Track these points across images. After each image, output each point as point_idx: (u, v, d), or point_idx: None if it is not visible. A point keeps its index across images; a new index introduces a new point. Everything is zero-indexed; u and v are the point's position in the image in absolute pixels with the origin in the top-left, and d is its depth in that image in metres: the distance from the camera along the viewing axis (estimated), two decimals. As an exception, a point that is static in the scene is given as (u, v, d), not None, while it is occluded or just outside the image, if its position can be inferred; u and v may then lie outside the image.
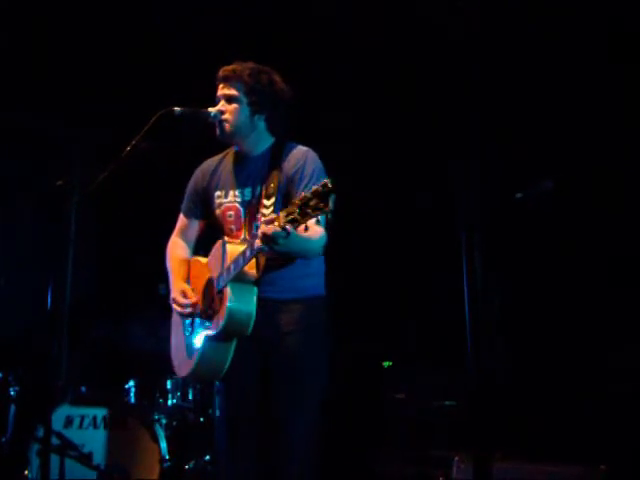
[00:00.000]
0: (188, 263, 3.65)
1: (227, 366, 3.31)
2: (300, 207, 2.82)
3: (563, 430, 4.89)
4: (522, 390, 5.00)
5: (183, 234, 3.72)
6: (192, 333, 3.47)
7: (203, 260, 3.60)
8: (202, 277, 3.49)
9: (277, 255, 3.14)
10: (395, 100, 5.68)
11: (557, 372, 5.13)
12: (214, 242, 3.55)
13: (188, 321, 3.51)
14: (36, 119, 6.32)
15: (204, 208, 3.65)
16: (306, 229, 2.91)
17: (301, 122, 3.59)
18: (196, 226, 3.70)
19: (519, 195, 4.20)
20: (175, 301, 3.49)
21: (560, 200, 4.61)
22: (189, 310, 3.44)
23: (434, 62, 5.28)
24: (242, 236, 3.44)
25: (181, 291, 3.49)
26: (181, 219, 3.74)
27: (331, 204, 2.79)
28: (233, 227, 3.48)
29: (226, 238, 3.44)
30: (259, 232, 2.97)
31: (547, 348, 5.16)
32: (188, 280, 3.60)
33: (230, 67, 3.49)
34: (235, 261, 3.20)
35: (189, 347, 3.46)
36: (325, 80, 5.60)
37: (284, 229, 2.89)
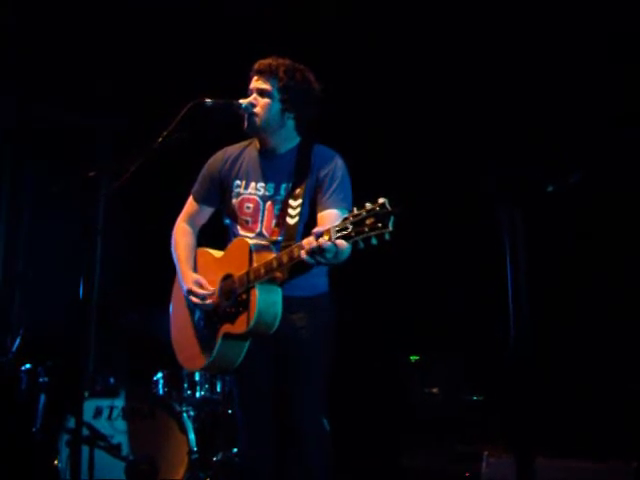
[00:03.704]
0: (195, 252, 3.63)
1: (240, 360, 3.36)
2: (355, 224, 2.83)
3: (594, 426, 4.84)
4: (551, 385, 4.96)
5: (191, 219, 3.67)
6: (206, 327, 3.44)
7: (214, 252, 3.57)
8: (213, 271, 3.46)
9: (317, 265, 3.12)
10: (433, 88, 5.66)
11: (587, 368, 5.08)
12: (213, 229, 3.56)
13: (199, 313, 3.48)
14: (64, 112, 6.38)
15: (219, 195, 3.61)
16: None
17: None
18: (206, 212, 3.67)
19: (550, 188, 4.16)
20: (192, 292, 3.44)
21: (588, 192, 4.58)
22: (208, 302, 3.41)
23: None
24: (257, 230, 3.45)
25: (196, 282, 3.46)
26: (191, 203, 3.68)
27: (391, 226, 2.78)
28: (249, 219, 3.47)
29: (250, 238, 3.41)
30: (308, 244, 2.99)
31: (578, 344, 5.11)
32: (195, 271, 3.57)
33: (266, 61, 3.48)
34: (267, 264, 3.19)
35: (203, 341, 3.45)
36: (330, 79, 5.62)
37: (335, 244, 2.93)
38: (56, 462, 4.74)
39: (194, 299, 3.44)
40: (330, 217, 3.29)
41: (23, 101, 6.32)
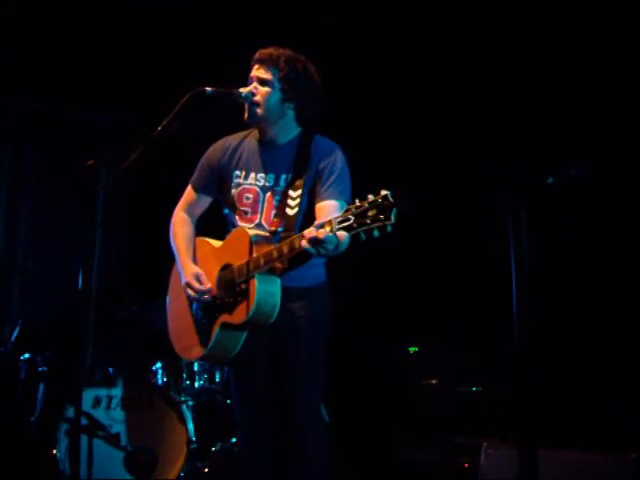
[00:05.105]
0: (194, 242, 3.63)
1: (238, 350, 3.36)
2: (357, 216, 2.83)
3: (592, 418, 4.84)
4: (550, 377, 4.96)
5: (189, 208, 3.67)
6: (204, 316, 3.44)
7: (213, 242, 3.58)
8: (212, 260, 3.46)
9: (317, 256, 3.12)
10: (434, 85, 5.64)
11: (586, 358, 5.08)
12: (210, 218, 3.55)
13: (197, 303, 3.48)
14: (65, 105, 6.38)
15: (217, 184, 3.61)
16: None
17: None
18: (204, 202, 3.67)
19: (550, 180, 4.15)
20: (190, 286, 3.44)
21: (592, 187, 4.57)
22: (206, 297, 3.40)
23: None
24: (257, 220, 3.44)
25: (195, 275, 3.45)
26: (189, 192, 3.68)
27: (393, 217, 2.78)
28: (248, 210, 3.47)
29: (249, 228, 3.40)
30: (309, 235, 2.98)
31: (579, 336, 5.11)
32: (194, 260, 3.57)
33: (267, 50, 3.47)
34: (267, 255, 3.19)
35: (200, 331, 3.45)
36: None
37: (336, 235, 2.93)
38: (55, 451, 4.74)
39: (191, 293, 3.44)
40: (328, 208, 3.29)
41: (23, 99, 6.31)
